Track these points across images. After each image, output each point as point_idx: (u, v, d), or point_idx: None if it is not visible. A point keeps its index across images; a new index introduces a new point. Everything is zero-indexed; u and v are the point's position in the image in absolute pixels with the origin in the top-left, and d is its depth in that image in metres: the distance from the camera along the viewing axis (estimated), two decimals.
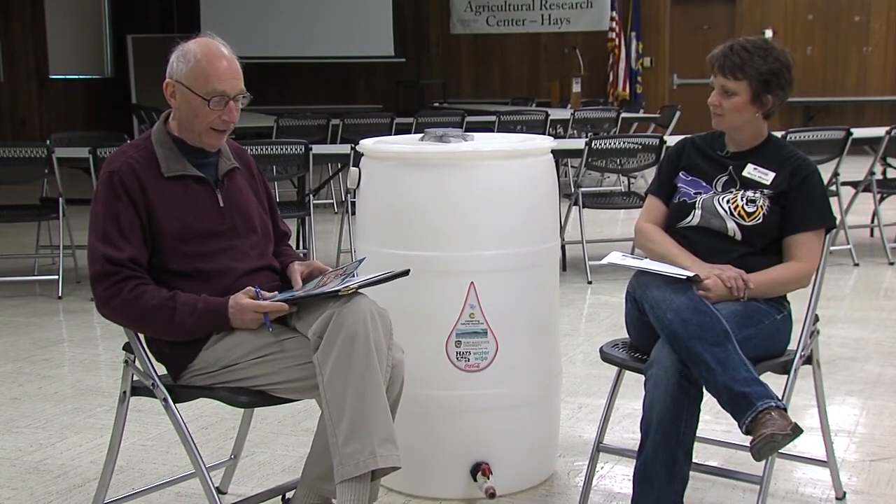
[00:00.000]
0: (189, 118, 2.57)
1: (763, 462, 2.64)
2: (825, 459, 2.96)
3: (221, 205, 2.62)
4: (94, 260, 2.50)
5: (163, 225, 2.52)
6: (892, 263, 6.60)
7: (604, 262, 2.76)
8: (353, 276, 2.54)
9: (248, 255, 2.63)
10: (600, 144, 6.34)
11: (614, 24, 14.25)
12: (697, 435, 2.58)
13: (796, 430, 2.40)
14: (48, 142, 6.14)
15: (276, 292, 2.56)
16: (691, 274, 2.60)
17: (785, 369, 2.73)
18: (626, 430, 3.52)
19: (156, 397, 2.55)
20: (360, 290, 2.45)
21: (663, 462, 2.51)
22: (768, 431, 2.38)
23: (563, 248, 6.47)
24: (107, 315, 2.52)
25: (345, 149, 6.60)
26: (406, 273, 2.55)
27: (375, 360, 2.39)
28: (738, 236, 2.80)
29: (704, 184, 2.88)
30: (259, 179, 2.80)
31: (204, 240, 2.57)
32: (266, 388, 2.50)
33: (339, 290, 2.40)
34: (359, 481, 2.36)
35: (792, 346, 2.80)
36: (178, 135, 2.61)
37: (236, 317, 2.49)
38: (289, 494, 2.82)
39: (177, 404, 2.54)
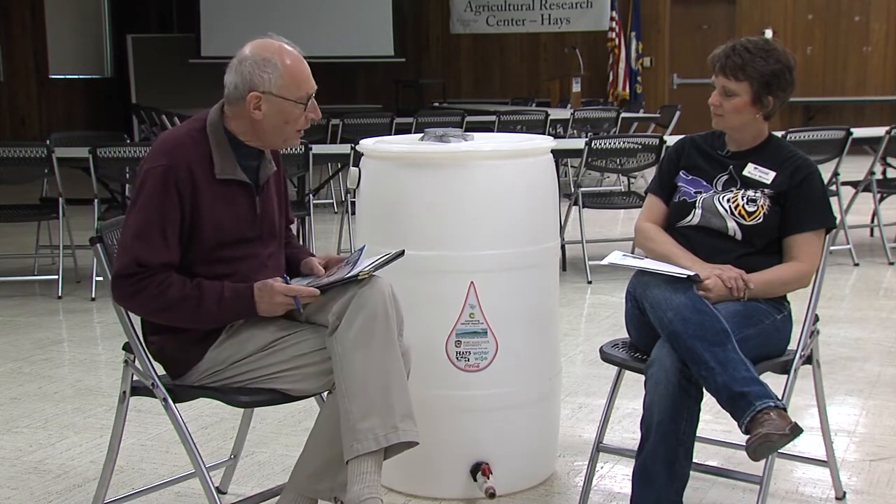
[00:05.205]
0: (278, 126, 2.51)
1: (763, 462, 2.64)
2: (825, 459, 2.97)
3: (258, 211, 2.59)
4: (124, 253, 2.44)
5: (203, 227, 2.48)
6: (892, 263, 6.60)
7: (604, 262, 2.76)
8: (358, 262, 2.57)
9: (266, 265, 2.60)
10: (600, 144, 6.34)
11: (614, 23, 14.25)
12: (697, 435, 2.58)
13: (795, 430, 2.39)
14: (48, 142, 6.14)
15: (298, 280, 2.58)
16: (692, 273, 2.61)
17: (785, 369, 2.73)
18: (626, 430, 3.51)
19: (156, 397, 2.55)
20: (373, 274, 2.47)
21: (664, 461, 2.52)
22: (764, 431, 2.38)
23: (563, 248, 6.47)
24: (129, 308, 2.49)
25: (345, 149, 6.60)
26: (402, 254, 2.59)
27: (395, 338, 2.41)
28: (739, 236, 2.80)
29: (705, 183, 2.88)
30: (282, 173, 2.76)
31: (234, 246, 2.54)
32: (277, 378, 2.49)
33: (358, 275, 2.44)
34: (373, 456, 2.37)
35: (792, 346, 2.80)
36: (244, 139, 2.54)
37: (264, 300, 2.46)
38: (272, 501, 2.78)
39: (177, 404, 2.54)
